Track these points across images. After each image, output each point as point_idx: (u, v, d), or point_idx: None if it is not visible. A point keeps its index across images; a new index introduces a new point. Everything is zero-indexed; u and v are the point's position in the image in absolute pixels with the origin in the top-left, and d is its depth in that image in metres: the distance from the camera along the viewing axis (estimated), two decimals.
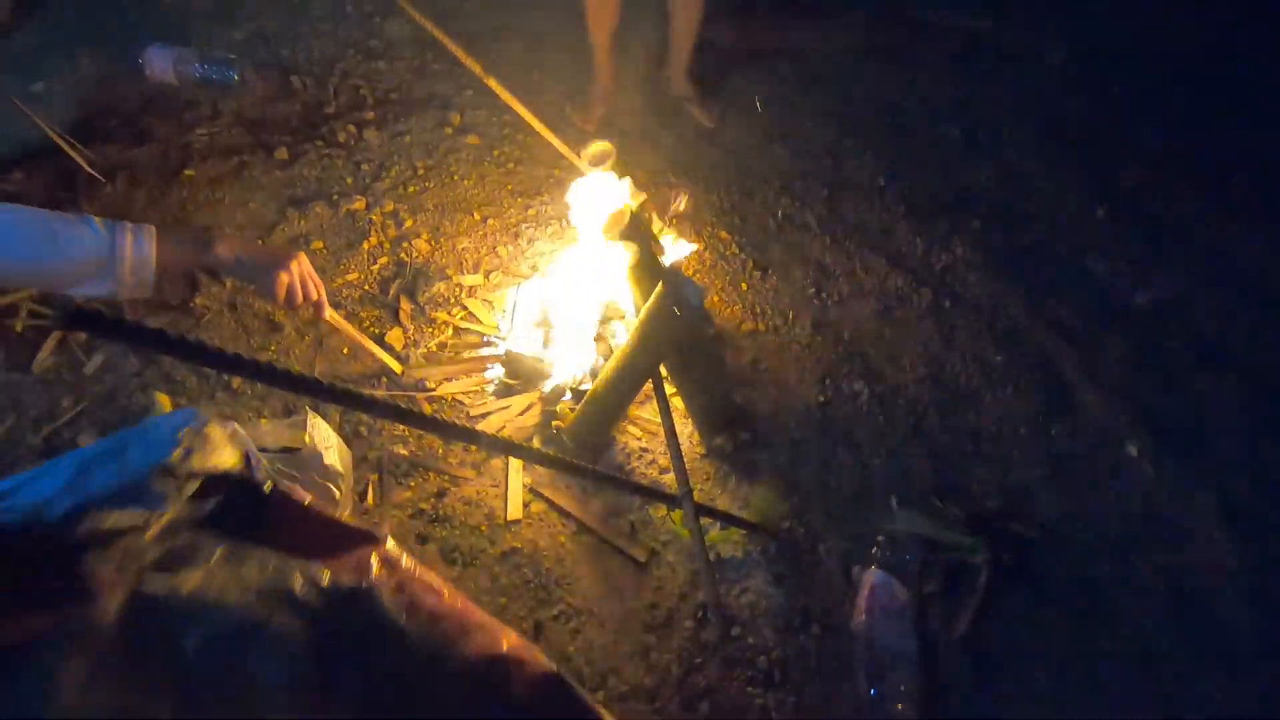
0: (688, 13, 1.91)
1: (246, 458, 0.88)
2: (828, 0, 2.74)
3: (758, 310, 1.54)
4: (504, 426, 1.23)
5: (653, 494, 1.03)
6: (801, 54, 2.45)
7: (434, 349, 1.33)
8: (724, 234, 1.71)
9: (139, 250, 0.86)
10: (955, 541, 1.18)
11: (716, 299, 1.54)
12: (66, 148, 1.49)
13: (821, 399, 1.39)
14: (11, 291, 1.26)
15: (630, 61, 2.12)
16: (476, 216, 1.64)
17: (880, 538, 1.15)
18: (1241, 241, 2.15)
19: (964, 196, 2.04)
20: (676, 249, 1.37)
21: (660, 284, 1.01)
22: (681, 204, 1.46)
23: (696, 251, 1.46)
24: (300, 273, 0.89)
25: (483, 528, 1.13)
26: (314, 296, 0.91)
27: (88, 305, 0.67)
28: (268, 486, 0.77)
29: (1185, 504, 1.39)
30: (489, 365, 1.31)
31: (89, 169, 1.49)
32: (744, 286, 1.59)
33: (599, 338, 1.30)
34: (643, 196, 1.31)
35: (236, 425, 0.91)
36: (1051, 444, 1.44)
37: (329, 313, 0.97)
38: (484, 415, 1.25)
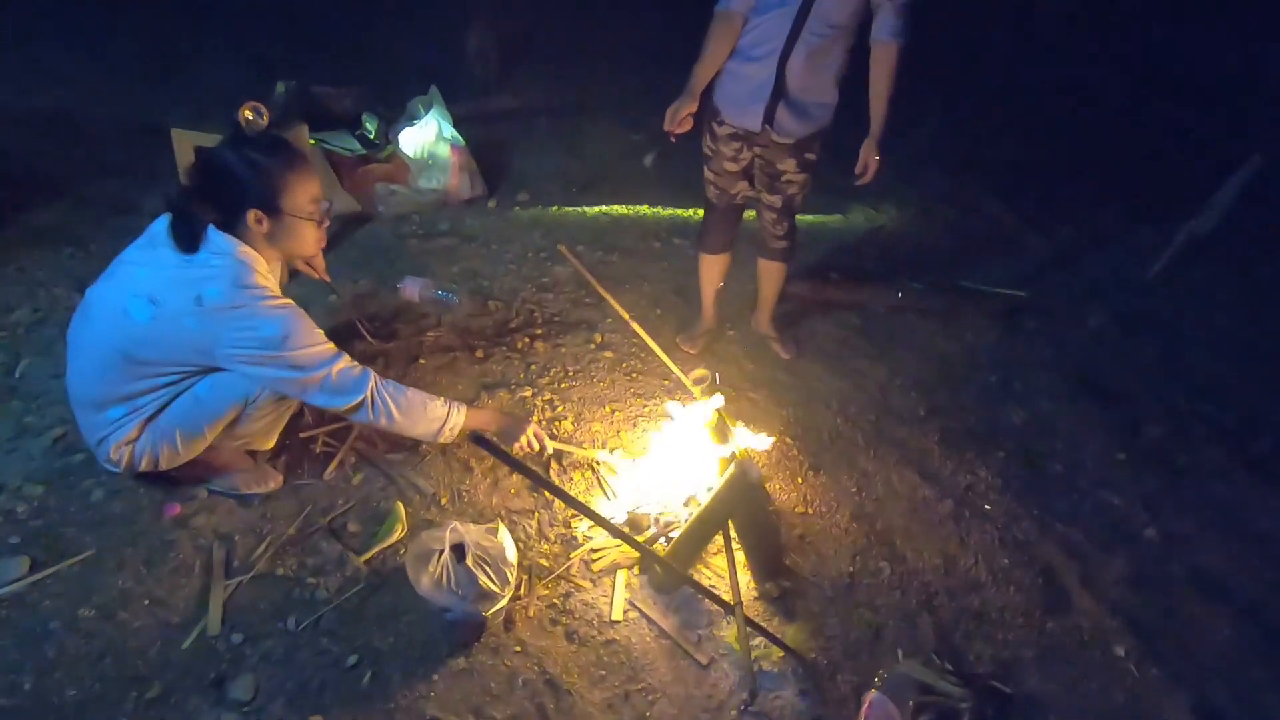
0: (771, 278, 2.71)
1: (462, 544, 1.52)
2: (889, 269, 3.56)
3: (808, 499, 2.10)
4: (616, 555, 1.80)
5: (713, 596, 1.54)
6: (865, 309, 3.19)
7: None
8: (788, 440, 2.32)
9: (458, 421, 1.67)
10: (946, 689, 1.58)
11: (778, 487, 2.12)
12: (366, 333, 2.38)
13: (851, 570, 1.88)
14: (316, 427, 2.04)
15: (728, 305, 2.91)
16: (608, 409, 2.35)
17: (883, 672, 1.57)
18: (1260, 498, 2.51)
19: (993, 432, 2.57)
20: (750, 439, 1.97)
21: (732, 464, 1.61)
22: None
23: (768, 446, 2.04)
24: (534, 432, 1.63)
25: (594, 621, 1.66)
26: (546, 448, 1.77)
27: (486, 436, 1.43)
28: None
29: (1163, 701, 1.70)
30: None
31: (372, 348, 2.37)
32: (799, 480, 2.17)
33: (687, 501, 1.89)
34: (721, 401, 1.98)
35: (456, 523, 1.56)
36: (1044, 635, 1.82)
37: (551, 449, 1.76)
38: (603, 547, 1.83)
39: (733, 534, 1.73)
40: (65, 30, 5.14)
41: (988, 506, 2.21)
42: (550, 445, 1.94)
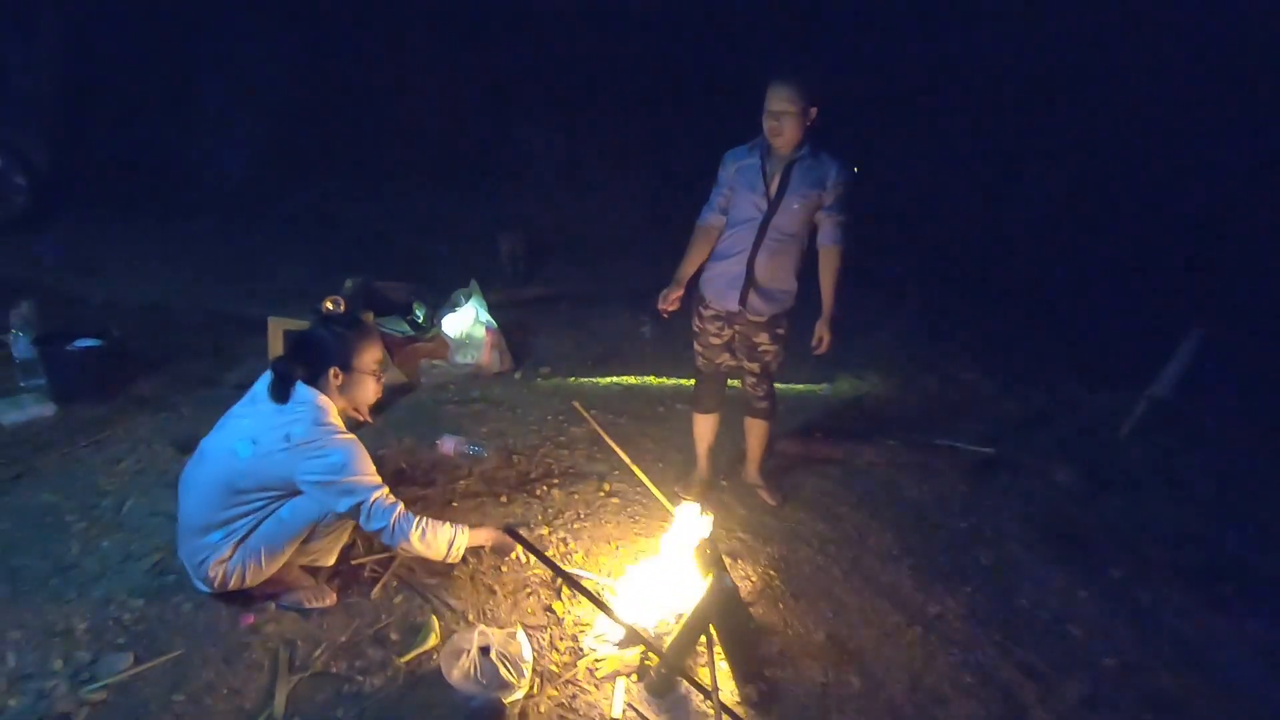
0: (756, 433, 3.19)
1: (487, 644, 1.89)
2: (866, 428, 4.04)
3: (788, 621, 2.41)
4: (616, 664, 2.12)
5: (696, 684, 1.83)
6: (846, 463, 3.63)
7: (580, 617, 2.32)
8: (772, 572, 2.67)
9: (463, 541, 2.06)
10: None
11: (761, 610, 2.44)
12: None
13: (824, 681, 2.16)
14: (365, 556, 2.45)
15: (722, 460, 3.37)
16: (613, 545, 2.74)
17: None
18: (1220, 635, 2.74)
19: (962, 570, 2.89)
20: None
21: (712, 578, 1.99)
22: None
23: (741, 568, 2.40)
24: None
25: (595, 717, 1.95)
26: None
27: (514, 527, 1.87)
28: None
29: None
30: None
31: (415, 493, 2.82)
32: (780, 606, 2.49)
33: (680, 616, 2.23)
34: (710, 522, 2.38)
35: (483, 626, 1.94)
36: None
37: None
38: (605, 657, 2.15)
39: (715, 639, 2.06)
40: (162, 241, 6.21)
41: (954, 633, 2.49)
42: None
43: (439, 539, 2.12)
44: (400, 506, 2.10)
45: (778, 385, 3.17)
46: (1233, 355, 4.87)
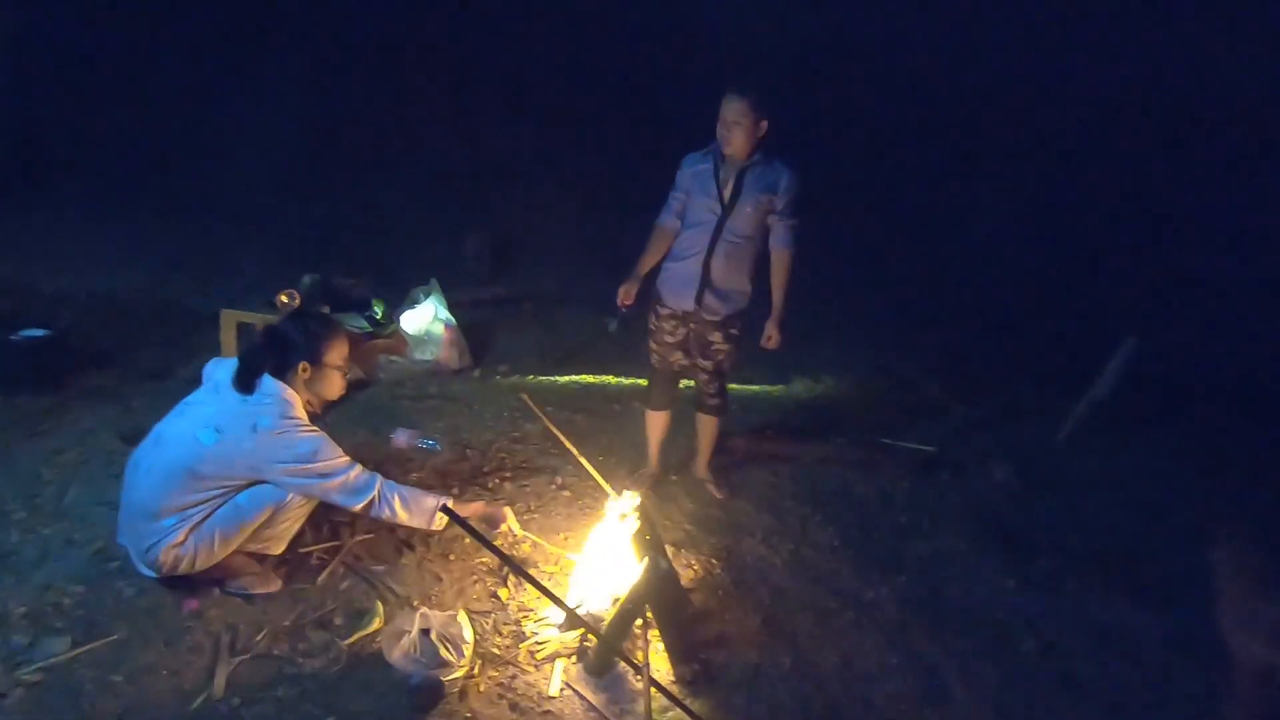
0: (706, 429, 3.29)
1: (428, 626, 1.94)
2: (817, 428, 4.17)
3: (727, 606, 2.51)
4: (557, 646, 2.19)
5: (629, 660, 1.92)
6: (794, 461, 3.74)
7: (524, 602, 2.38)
8: (714, 560, 2.77)
9: (443, 512, 2.13)
10: None
11: (700, 597, 2.53)
12: None
13: (757, 662, 2.25)
14: (313, 544, 2.48)
15: (673, 456, 3.45)
16: (562, 535, 2.81)
17: None
18: (1138, 622, 2.90)
19: (899, 560, 3.01)
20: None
21: (647, 559, 2.08)
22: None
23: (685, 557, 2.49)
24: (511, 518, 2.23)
25: (535, 697, 2.02)
26: (515, 530, 2.33)
27: (454, 510, 1.90)
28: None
29: None
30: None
31: None
32: (721, 593, 2.58)
33: (616, 598, 2.31)
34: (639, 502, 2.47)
35: (424, 609, 2.00)
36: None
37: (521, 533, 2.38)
38: (546, 640, 2.22)
39: (650, 621, 2.13)
40: (116, 230, 6.12)
41: (885, 618, 2.61)
42: (519, 530, 2.54)
43: (423, 506, 2.21)
44: (379, 477, 2.18)
45: (734, 385, 3.27)
46: (1164, 362, 5.11)
